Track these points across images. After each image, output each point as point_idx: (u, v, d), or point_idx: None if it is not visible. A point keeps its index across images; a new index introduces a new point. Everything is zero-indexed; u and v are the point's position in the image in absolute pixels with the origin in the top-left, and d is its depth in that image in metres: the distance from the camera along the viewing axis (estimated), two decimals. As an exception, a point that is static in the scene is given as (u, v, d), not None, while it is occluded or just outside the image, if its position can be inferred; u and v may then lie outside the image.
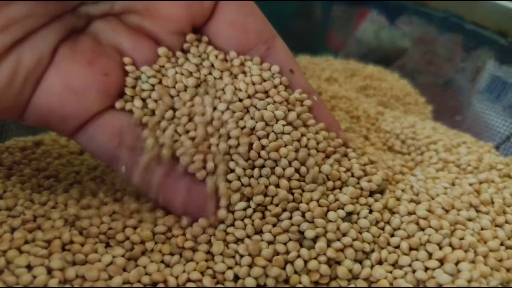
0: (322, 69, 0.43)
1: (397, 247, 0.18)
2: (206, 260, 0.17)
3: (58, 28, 0.17)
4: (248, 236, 0.18)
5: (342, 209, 0.19)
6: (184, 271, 0.17)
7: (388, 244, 0.18)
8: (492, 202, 0.22)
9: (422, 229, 0.19)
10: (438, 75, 0.42)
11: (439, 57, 0.42)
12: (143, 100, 0.19)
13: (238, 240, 0.18)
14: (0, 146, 0.24)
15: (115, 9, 0.18)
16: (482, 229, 0.20)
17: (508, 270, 0.18)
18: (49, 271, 0.16)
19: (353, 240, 0.18)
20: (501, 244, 0.19)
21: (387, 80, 0.41)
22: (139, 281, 0.17)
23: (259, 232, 0.18)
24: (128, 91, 0.19)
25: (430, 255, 0.18)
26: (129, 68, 0.19)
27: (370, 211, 0.19)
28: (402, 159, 0.26)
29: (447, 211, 0.20)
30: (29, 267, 0.16)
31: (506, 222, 0.21)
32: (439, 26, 0.42)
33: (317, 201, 0.19)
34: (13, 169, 0.23)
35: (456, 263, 0.17)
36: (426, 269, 0.17)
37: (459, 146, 0.28)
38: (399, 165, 0.24)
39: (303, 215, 0.18)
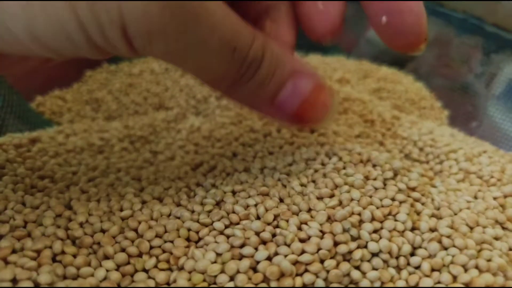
0: (333, 69, 0.42)
1: (418, 267, 0.17)
2: None
3: None
4: None
5: None
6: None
7: (408, 264, 0.17)
8: (519, 219, 0.20)
9: (445, 249, 0.17)
10: (454, 79, 0.40)
11: (456, 60, 0.40)
12: None
13: None
14: None
15: None
16: (510, 249, 0.18)
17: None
18: (36, 285, 0.15)
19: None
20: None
21: (401, 83, 0.39)
22: None
23: None
24: None
25: (454, 278, 0.16)
26: None
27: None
28: (421, 167, 0.25)
29: (471, 229, 0.18)
30: (14, 281, 0.15)
31: (535, 241, 0.19)
32: (457, 28, 0.40)
33: None
34: (5, 168, 0.21)
35: None
36: (451, 294, 0.16)
37: (480, 155, 0.26)
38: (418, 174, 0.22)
39: None
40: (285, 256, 0.16)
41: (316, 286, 0.15)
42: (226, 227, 0.17)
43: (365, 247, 0.17)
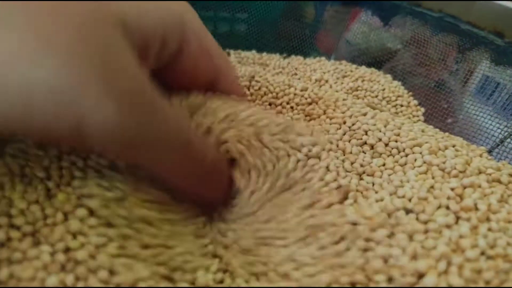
0: (313, 70, 0.42)
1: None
2: None
3: None
4: None
5: None
6: None
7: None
8: (476, 209, 0.20)
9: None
10: (429, 77, 0.41)
11: (431, 58, 0.41)
12: None
13: None
14: None
15: None
16: (460, 237, 0.18)
17: (487, 282, 0.17)
18: None
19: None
20: (482, 253, 0.18)
21: (379, 82, 0.40)
22: None
23: None
24: None
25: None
26: None
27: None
28: (385, 161, 0.25)
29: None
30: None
31: (490, 230, 0.19)
32: (433, 26, 0.40)
33: None
34: None
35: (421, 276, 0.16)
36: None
37: (446, 149, 0.26)
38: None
39: None
40: None
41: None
42: None
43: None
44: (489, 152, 0.30)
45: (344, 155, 0.26)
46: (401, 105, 0.38)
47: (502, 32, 0.35)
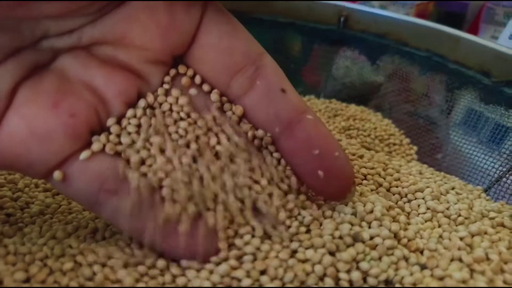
0: (303, 109, 0.42)
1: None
2: None
3: (16, 66, 0.16)
4: None
5: None
6: None
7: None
8: (488, 259, 0.20)
9: None
10: (416, 112, 0.41)
11: (417, 93, 0.41)
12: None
13: None
14: None
15: (83, 42, 0.17)
16: (480, 292, 0.17)
17: None
18: None
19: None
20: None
21: (370, 121, 0.40)
22: None
23: None
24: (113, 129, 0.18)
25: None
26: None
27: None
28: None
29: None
30: None
31: (505, 282, 0.18)
32: (421, 66, 0.41)
33: None
34: None
35: None
36: None
37: (448, 193, 0.26)
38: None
39: None
40: None
41: None
42: None
43: None
44: (485, 191, 0.30)
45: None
46: (394, 144, 0.38)
47: (488, 72, 0.36)
